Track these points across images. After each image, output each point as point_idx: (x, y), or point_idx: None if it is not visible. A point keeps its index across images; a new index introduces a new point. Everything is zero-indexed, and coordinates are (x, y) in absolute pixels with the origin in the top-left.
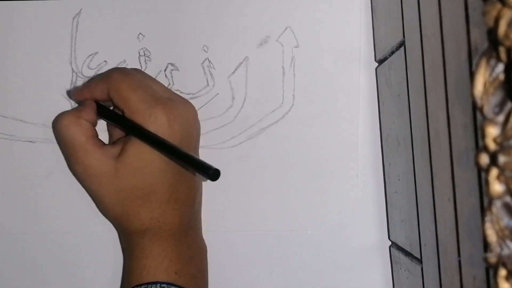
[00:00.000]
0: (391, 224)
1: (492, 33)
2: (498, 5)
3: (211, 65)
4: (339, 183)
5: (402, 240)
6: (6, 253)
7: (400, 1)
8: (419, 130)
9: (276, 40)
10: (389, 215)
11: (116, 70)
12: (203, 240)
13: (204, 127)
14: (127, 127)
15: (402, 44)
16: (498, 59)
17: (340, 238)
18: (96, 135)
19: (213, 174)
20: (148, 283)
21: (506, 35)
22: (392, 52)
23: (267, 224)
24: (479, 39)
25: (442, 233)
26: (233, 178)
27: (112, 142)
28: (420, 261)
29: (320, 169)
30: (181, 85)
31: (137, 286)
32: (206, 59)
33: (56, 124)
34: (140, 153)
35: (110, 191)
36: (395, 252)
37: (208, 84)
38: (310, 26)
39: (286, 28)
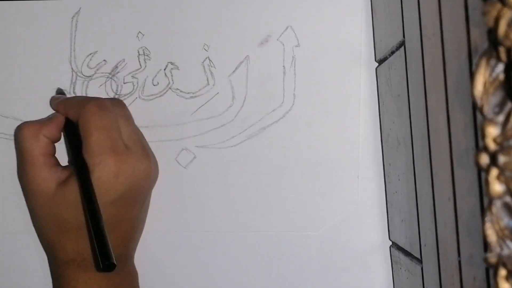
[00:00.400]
0: (391, 224)
1: (492, 33)
2: (498, 5)
3: (212, 64)
4: (340, 183)
5: (402, 240)
6: (6, 253)
7: (400, 1)
8: (419, 130)
9: (277, 39)
10: (389, 215)
11: (94, 103)
12: (134, 266)
13: (204, 126)
14: (73, 158)
15: (402, 44)
16: (498, 59)
17: (340, 239)
18: (51, 153)
19: (105, 266)
20: None
21: (506, 35)
22: (392, 52)
23: (267, 225)
24: (479, 39)
25: (442, 233)
26: (233, 178)
27: (64, 165)
28: (420, 261)
29: (320, 169)
30: (181, 84)
31: None
32: (206, 58)
33: (17, 132)
34: (77, 190)
35: (44, 213)
36: (395, 252)
37: (208, 83)
38: (311, 26)
39: (287, 28)
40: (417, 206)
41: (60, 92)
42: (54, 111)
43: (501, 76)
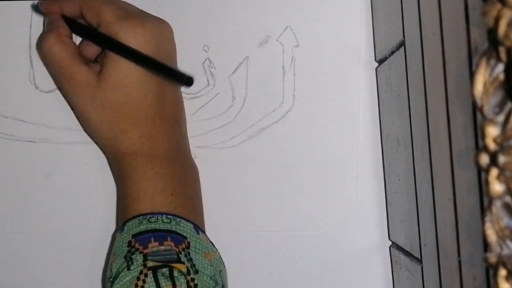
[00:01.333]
0: (391, 224)
1: (492, 33)
2: (498, 5)
3: (212, 64)
4: (340, 183)
5: (402, 240)
6: (6, 253)
7: (400, 1)
8: (419, 130)
9: (276, 40)
10: (389, 215)
11: None
12: (194, 161)
13: (204, 127)
14: (100, 41)
15: (402, 44)
16: (498, 59)
17: (340, 238)
18: (79, 51)
19: (186, 80)
20: (150, 213)
21: (506, 35)
22: (392, 52)
23: (267, 225)
24: (479, 39)
25: (442, 233)
26: (233, 178)
27: (96, 60)
28: (420, 261)
29: (320, 169)
30: None
31: (141, 215)
32: (206, 59)
33: (42, 46)
34: (118, 66)
35: (97, 106)
36: (395, 252)
37: (208, 84)
38: (310, 26)
39: (286, 28)
40: (417, 206)
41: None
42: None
43: (501, 76)
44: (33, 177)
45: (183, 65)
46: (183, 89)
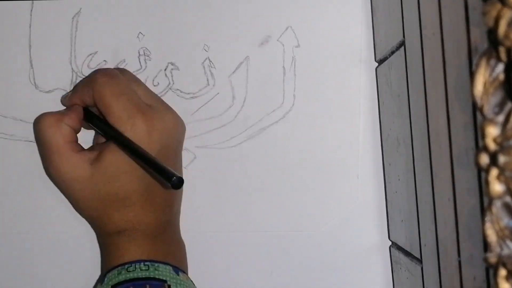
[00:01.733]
0: (391, 224)
1: (492, 33)
2: (498, 5)
3: (212, 64)
4: (340, 183)
5: (402, 240)
6: (6, 253)
7: (400, 1)
8: (419, 130)
9: (277, 40)
10: (389, 215)
11: (100, 74)
12: (182, 239)
13: (204, 126)
14: (106, 133)
15: (402, 44)
16: (498, 59)
17: (340, 238)
18: (75, 140)
19: (175, 182)
20: (129, 263)
21: (506, 35)
22: (392, 52)
23: (267, 225)
24: (479, 39)
25: (442, 233)
26: (233, 178)
27: (91, 147)
28: (420, 261)
29: (320, 169)
30: (181, 85)
31: (120, 265)
32: (206, 58)
33: (36, 124)
34: (117, 159)
35: (84, 196)
36: (395, 252)
37: (208, 84)
38: (311, 26)
39: (287, 28)
40: (417, 206)
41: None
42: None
43: (501, 76)
44: (33, 177)
45: (183, 64)
46: (183, 89)
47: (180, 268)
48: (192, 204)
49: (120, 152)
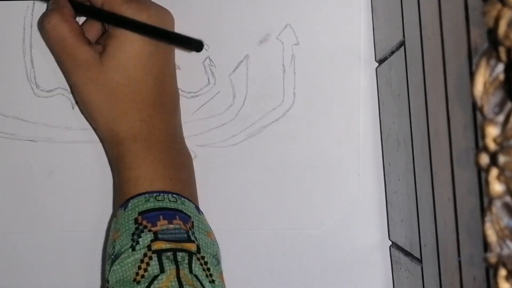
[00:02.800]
0: (391, 224)
1: (492, 33)
2: (498, 5)
3: (212, 63)
4: (340, 181)
5: (402, 240)
6: (6, 252)
7: (400, 1)
8: (419, 130)
9: (276, 38)
10: (389, 215)
11: None
12: (188, 149)
13: (204, 125)
14: (105, 18)
15: (402, 44)
16: (498, 59)
17: (340, 238)
18: (82, 31)
19: (196, 45)
20: (156, 192)
21: (506, 35)
22: (392, 52)
23: (267, 223)
24: (479, 39)
25: (442, 233)
26: (233, 176)
27: (97, 41)
28: (420, 261)
29: (321, 167)
30: (181, 84)
31: (147, 193)
32: (207, 57)
33: (44, 25)
34: (121, 47)
35: (97, 87)
36: (395, 252)
37: (209, 83)
38: (310, 24)
39: (286, 26)
40: (417, 206)
41: None
42: None
43: (501, 76)
44: (34, 176)
45: (183, 63)
46: (184, 88)
47: (199, 208)
48: None
49: (124, 39)
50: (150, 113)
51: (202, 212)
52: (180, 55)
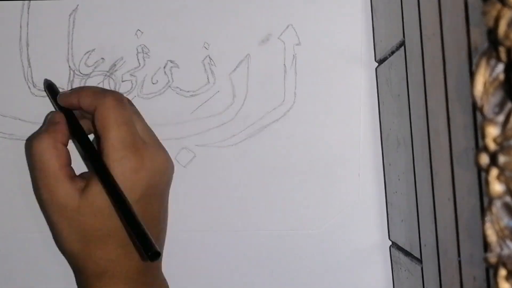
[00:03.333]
0: (391, 224)
1: (492, 33)
2: (498, 5)
3: (212, 62)
4: (341, 182)
5: (402, 240)
6: (6, 253)
7: (400, 1)
8: (419, 130)
9: (278, 38)
10: (389, 215)
11: (111, 95)
12: (164, 277)
13: (204, 125)
14: (92, 164)
15: (402, 44)
16: (498, 59)
17: (340, 238)
18: (69, 162)
19: (152, 255)
20: None
21: (506, 35)
22: (392, 52)
23: (267, 223)
24: (479, 39)
25: (442, 233)
26: (233, 177)
27: (82, 174)
28: (420, 261)
29: (321, 167)
30: (180, 83)
31: None
32: (207, 56)
33: (31, 148)
34: (103, 193)
35: (70, 225)
36: (395, 252)
37: (208, 82)
38: (312, 24)
39: (287, 26)
40: (417, 206)
41: (49, 83)
42: (50, 113)
43: (501, 76)
44: None
45: (183, 62)
46: (183, 86)
47: None
48: (191, 203)
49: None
50: (120, 253)
51: None
52: (179, 53)
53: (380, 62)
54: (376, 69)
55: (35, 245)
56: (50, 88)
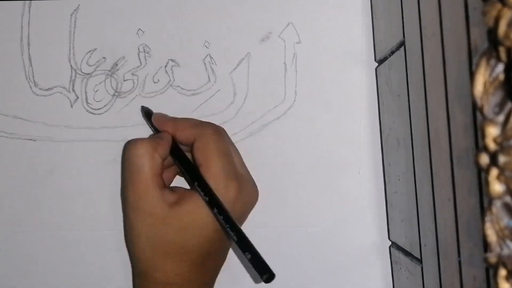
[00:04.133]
0: (391, 224)
1: (492, 33)
2: (498, 5)
3: (213, 61)
4: (341, 179)
5: (402, 240)
6: (7, 252)
7: (400, 1)
8: (419, 130)
9: (278, 36)
10: (389, 215)
11: (213, 128)
12: None
13: None
14: (195, 180)
15: (402, 44)
16: (498, 59)
17: (340, 238)
18: (162, 173)
19: (267, 278)
20: None
21: (506, 35)
22: (392, 52)
23: (267, 221)
24: (479, 39)
25: (442, 233)
26: None
27: (172, 188)
28: (420, 261)
29: (321, 166)
30: (182, 81)
31: None
32: (207, 55)
33: (130, 149)
34: (195, 212)
35: (152, 235)
36: (395, 252)
37: (209, 80)
38: (312, 22)
39: (288, 24)
40: (417, 206)
41: (147, 110)
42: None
43: (501, 76)
44: (34, 175)
45: (184, 61)
46: (183, 85)
47: None
48: None
49: (200, 204)
50: (190, 271)
51: None
52: (181, 52)
53: (380, 62)
54: (376, 69)
55: (35, 244)
56: (148, 115)
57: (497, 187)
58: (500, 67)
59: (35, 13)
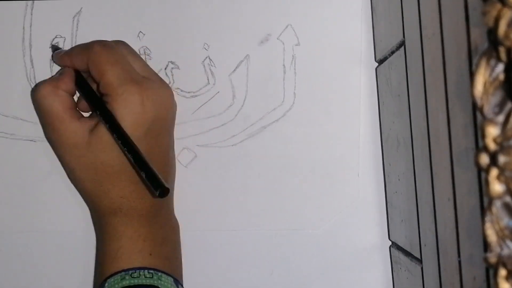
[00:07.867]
0: (391, 224)
1: (492, 33)
2: (498, 5)
3: (212, 63)
4: (340, 181)
5: (402, 240)
6: (6, 252)
7: (400, 1)
8: (419, 130)
9: (277, 38)
10: (389, 215)
11: (97, 42)
12: (175, 218)
13: (204, 125)
14: (97, 109)
15: (402, 44)
16: (498, 59)
17: (340, 238)
18: (73, 106)
19: (161, 192)
20: (132, 269)
21: (506, 35)
22: (392, 52)
23: (267, 223)
24: (479, 39)
25: (442, 233)
26: (233, 177)
27: (90, 115)
28: (420, 261)
29: (321, 167)
30: (181, 83)
31: (123, 271)
32: (206, 57)
33: (34, 94)
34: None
35: (82, 164)
36: (395, 252)
37: (208, 83)
38: (311, 24)
39: (287, 26)
40: (417, 206)
41: (56, 47)
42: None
43: (501, 76)
44: (33, 176)
45: (184, 63)
46: (183, 87)
47: (179, 281)
48: (192, 202)
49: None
50: (133, 190)
51: (181, 285)
52: (180, 54)
53: (380, 62)
54: (376, 69)
55: (35, 244)
56: (55, 50)
57: (497, 187)
58: (500, 67)
59: (37, 14)
